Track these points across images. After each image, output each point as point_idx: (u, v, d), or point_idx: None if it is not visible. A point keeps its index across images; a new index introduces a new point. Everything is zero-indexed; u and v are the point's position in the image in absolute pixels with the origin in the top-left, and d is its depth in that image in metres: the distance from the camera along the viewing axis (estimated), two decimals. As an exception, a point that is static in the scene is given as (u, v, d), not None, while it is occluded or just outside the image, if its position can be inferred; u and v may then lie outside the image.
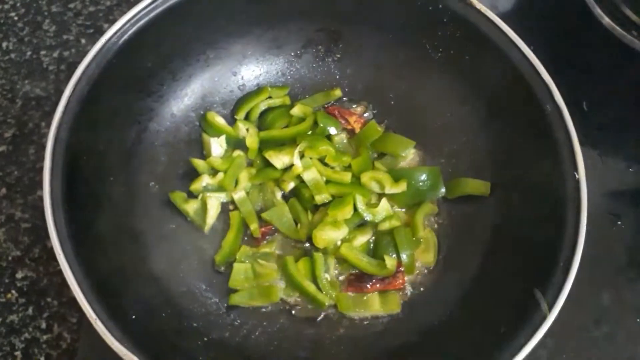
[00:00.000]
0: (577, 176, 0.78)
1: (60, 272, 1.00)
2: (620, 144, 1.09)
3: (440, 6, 0.89)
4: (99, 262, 0.74)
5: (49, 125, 1.10)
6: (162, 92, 0.91)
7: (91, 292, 0.69)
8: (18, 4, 1.23)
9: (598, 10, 1.13)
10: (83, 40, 1.21)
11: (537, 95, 0.83)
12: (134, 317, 0.73)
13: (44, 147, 1.08)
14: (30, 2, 1.24)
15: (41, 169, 1.06)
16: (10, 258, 1.03)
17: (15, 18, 1.22)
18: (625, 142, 1.10)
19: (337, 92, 1.03)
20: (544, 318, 0.70)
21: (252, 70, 1.01)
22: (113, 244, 0.79)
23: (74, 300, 0.97)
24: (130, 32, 0.79)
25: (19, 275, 1.02)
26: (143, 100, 0.88)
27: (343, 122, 1.00)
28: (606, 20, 1.12)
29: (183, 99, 0.95)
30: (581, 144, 0.79)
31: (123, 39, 0.79)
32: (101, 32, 1.20)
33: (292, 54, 1.02)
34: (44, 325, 0.99)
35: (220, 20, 0.90)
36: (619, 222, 1.02)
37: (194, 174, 0.96)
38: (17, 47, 1.20)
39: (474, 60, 0.91)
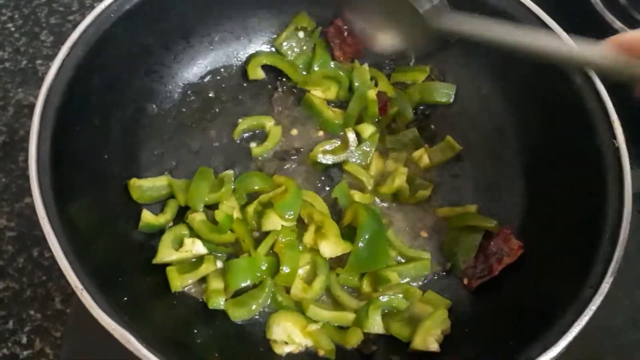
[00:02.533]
0: (616, 144, 0.71)
1: (45, 284, 0.94)
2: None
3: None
4: (86, 236, 0.66)
5: (41, 133, 1.07)
6: (162, 72, 0.86)
7: (77, 262, 0.59)
8: (16, 16, 1.21)
9: (609, 15, 1.11)
10: (81, 51, 1.17)
11: (563, 68, 0.78)
12: (125, 298, 0.64)
13: None
14: (28, 14, 1.21)
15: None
16: (-9, 268, 0.94)
17: (13, 29, 1.19)
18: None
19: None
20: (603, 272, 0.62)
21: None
22: (103, 222, 0.71)
23: (59, 313, 0.91)
24: (133, 1, 0.75)
25: (0, 286, 0.93)
26: (141, 79, 0.83)
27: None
28: (618, 24, 1.10)
29: (184, 82, 0.89)
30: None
31: (124, 7, 0.74)
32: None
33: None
34: (24, 340, 0.89)
35: (226, 2, 0.86)
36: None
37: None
38: (13, 57, 1.16)
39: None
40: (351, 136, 0.92)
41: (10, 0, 1.21)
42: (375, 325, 0.79)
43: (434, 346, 0.74)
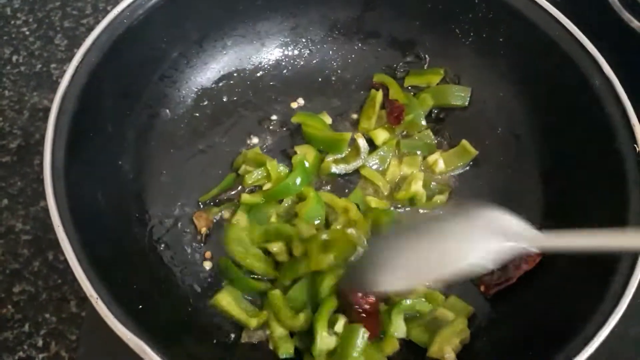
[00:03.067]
0: (637, 148, 0.69)
1: (60, 287, 0.94)
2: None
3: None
4: (100, 243, 0.66)
5: (56, 137, 1.07)
6: (175, 77, 0.86)
7: (92, 270, 0.59)
8: (30, 20, 1.21)
9: (626, 14, 1.09)
10: (95, 54, 1.18)
11: (582, 70, 0.76)
12: (140, 307, 0.64)
13: None
14: (42, 17, 1.22)
15: None
16: (7, 271, 0.95)
17: (27, 33, 1.19)
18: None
19: None
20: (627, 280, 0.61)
21: (271, 59, 0.96)
22: (115, 229, 0.71)
23: (74, 316, 0.91)
24: (146, 6, 0.74)
25: (16, 289, 0.93)
26: (155, 84, 0.83)
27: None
28: (635, 23, 1.08)
29: (197, 87, 0.89)
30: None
31: (137, 13, 0.74)
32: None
33: (314, 40, 0.97)
34: (40, 343, 0.89)
35: (238, 5, 0.85)
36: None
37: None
38: (27, 61, 1.16)
39: (509, 41, 0.85)
40: (362, 142, 0.91)
41: (25, 4, 1.22)
42: (399, 329, 0.78)
43: (450, 356, 0.74)
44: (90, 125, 0.70)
